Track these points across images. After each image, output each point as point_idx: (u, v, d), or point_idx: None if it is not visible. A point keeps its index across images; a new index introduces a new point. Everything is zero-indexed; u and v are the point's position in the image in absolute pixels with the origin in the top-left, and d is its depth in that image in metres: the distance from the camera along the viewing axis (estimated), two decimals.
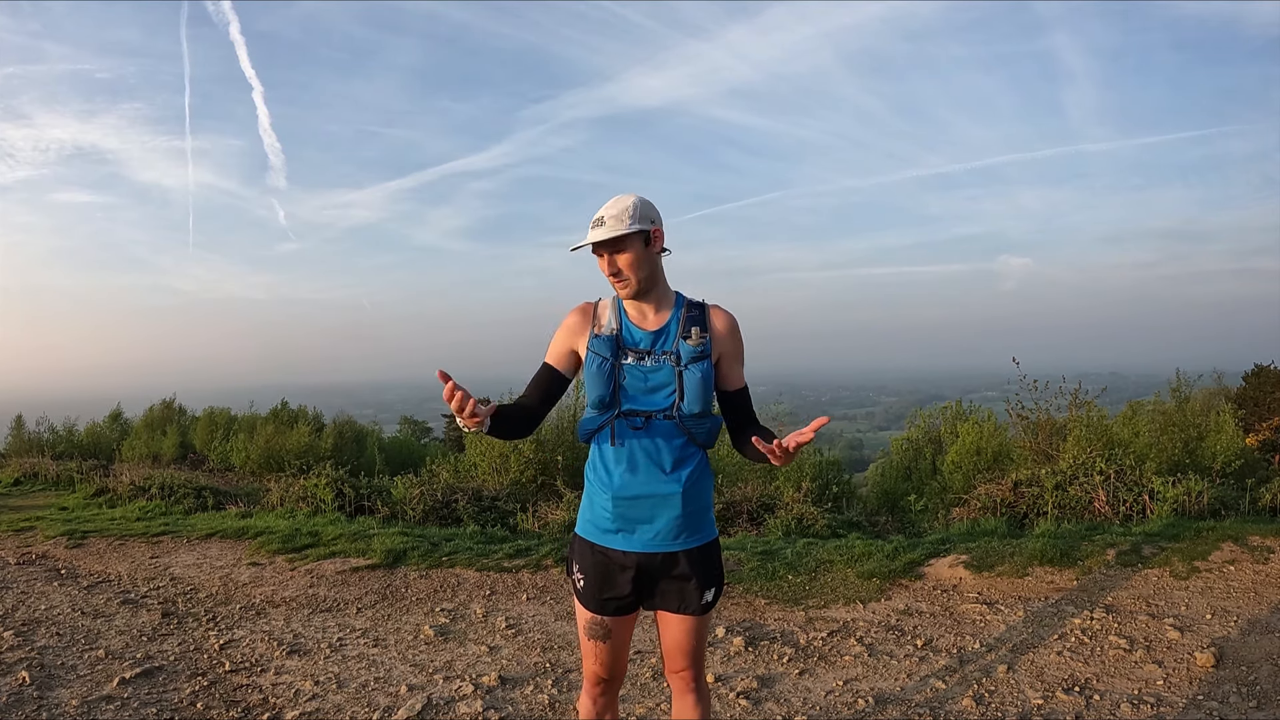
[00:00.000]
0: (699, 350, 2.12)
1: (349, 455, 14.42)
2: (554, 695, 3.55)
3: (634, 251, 2.10)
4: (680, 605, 2.17)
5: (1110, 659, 3.67)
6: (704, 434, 2.14)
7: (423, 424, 32.68)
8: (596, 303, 2.26)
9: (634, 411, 2.12)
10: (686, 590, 2.15)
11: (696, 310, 2.20)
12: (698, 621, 2.19)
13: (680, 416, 2.12)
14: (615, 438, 2.13)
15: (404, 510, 8.05)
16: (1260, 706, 3.16)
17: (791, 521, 6.69)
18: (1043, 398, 8.79)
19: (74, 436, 19.41)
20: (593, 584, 2.18)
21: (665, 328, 2.17)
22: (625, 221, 2.08)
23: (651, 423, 2.11)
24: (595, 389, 2.14)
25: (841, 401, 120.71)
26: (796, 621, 4.38)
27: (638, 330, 2.17)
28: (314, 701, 3.54)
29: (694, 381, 2.11)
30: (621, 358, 2.14)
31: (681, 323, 2.16)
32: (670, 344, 2.15)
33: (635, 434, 2.11)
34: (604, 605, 2.18)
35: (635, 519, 2.12)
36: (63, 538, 7.06)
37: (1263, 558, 4.74)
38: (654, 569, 2.14)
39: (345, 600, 5.06)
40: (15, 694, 3.59)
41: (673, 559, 2.13)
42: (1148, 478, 6.44)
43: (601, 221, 2.09)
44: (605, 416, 2.15)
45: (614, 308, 2.21)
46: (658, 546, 2.12)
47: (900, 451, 10.60)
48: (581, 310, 2.24)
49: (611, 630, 2.20)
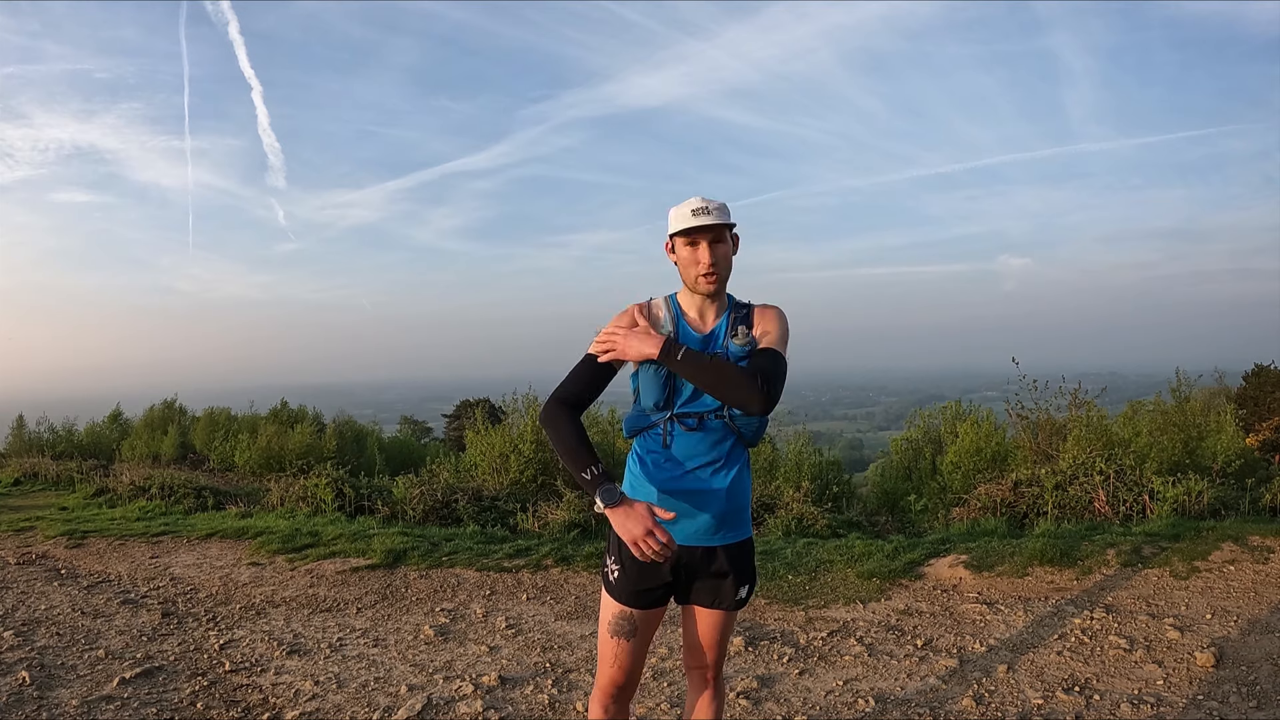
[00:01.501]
0: (747, 349, 2.13)
1: (349, 455, 14.42)
2: (554, 695, 3.55)
3: (728, 245, 2.15)
4: (714, 600, 2.19)
5: (1110, 659, 3.67)
6: (752, 433, 2.18)
7: (423, 424, 32.68)
8: (649, 302, 2.26)
9: (687, 413, 2.14)
10: (722, 586, 2.17)
11: (744, 310, 2.23)
12: (728, 617, 2.22)
13: (730, 416, 2.13)
14: (668, 438, 2.15)
15: (404, 510, 8.05)
16: (1260, 706, 3.16)
17: (791, 521, 6.70)
18: (1043, 398, 8.79)
19: (74, 436, 19.41)
20: (628, 576, 2.17)
21: (716, 329, 2.19)
22: (727, 215, 2.12)
23: (704, 422, 2.13)
24: (651, 393, 2.15)
25: (841, 401, 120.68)
26: (796, 621, 4.38)
27: (693, 333, 2.19)
28: (314, 701, 3.53)
29: None
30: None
31: (730, 323, 2.18)
32: (720, 345, 2.17)
33: (687, 433, 2.14)
34: (636, 598, 2.16)
35: (679, 513, 2.13)
36: (63, 538, 7.07)
37: (1263, 558, 4.74)
38: (692, 563, 2.15)
39: (345, 600, 5.06)
40: (15, 694, 3.59)
41: (711, 554, 2.15)
42: (1148, 478, 6.44)
43: (707, 211, 2.10)
44: (658, 417, 2.16)
45: (668, 309, 2.23)
46: (698, 540, 2.14)
47: (900, 451, 10.60)
48: (635, 311, 2.24)
49: (638, 627, 2.18)
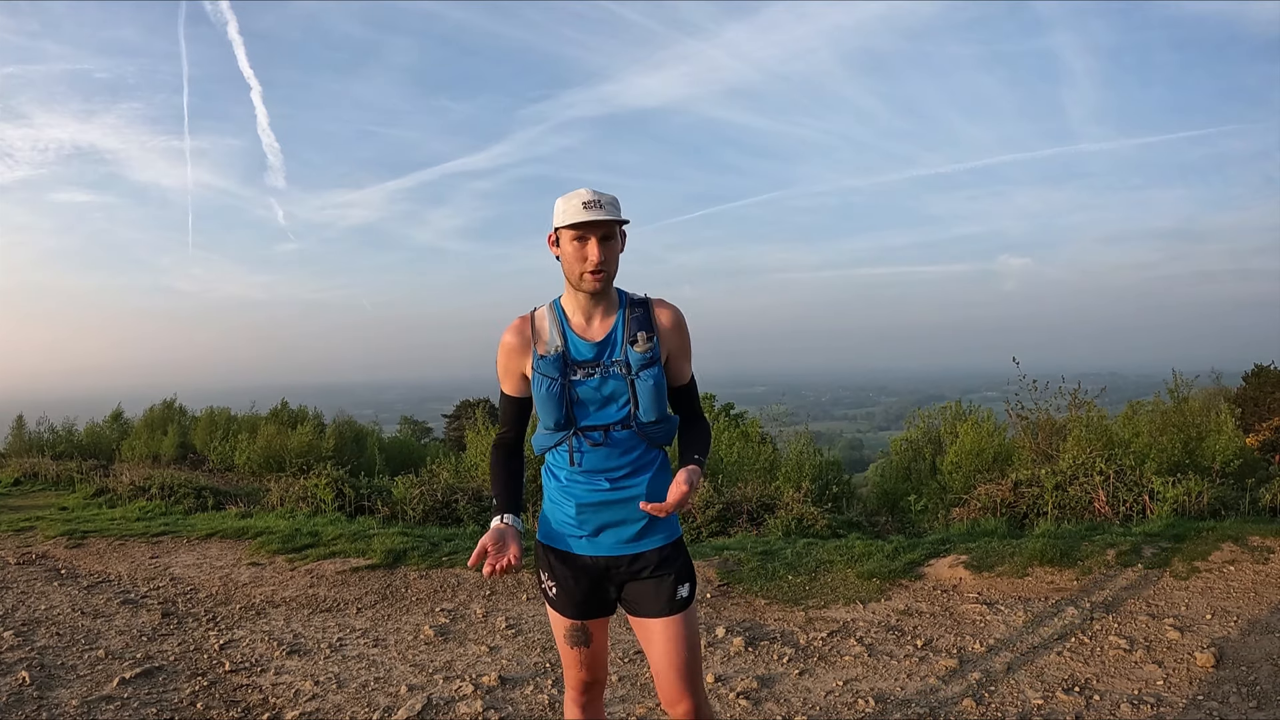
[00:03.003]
0: (648, 356, 2.04)
1: (349, 455, 14.42)
2: (554, 695, 3.55)
3: (618, 242, 2.03)
4: (657, 606, 2.08)
5: (1110, 659, 3.67)
6: (662, 436, 2.10)
7: (423, 424, 32.68)
8: (532, 315, 2.12)
9: (591, 427, 2.05)
10: (660, 588, 2.08)
11: (640, 309, 2.10)
12: (683, 626, 2.07)
13: (638, 425, 2.06)
14: (574, 456, 2.07)
15: (404, 510, 8.06)
16: (1260, 707, 3.16)
17: (791, 522, 6.69)
18: (1042, 398, 8.79)
19: (74, 436, 19.40)
20: (565, 590, 2.12)
21: (611, 335, 2.07)
22: (619, 210, 2.00)
23: (610, 434, 2.05)
24: (549, 413, 2.06)
25: (841, 401, 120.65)
26: (796, 621, 4.38)
27: (583, 343, 2.07)
28: (314, 701, 3.54)
29: (647, 390, 2.04)
30: (571, 375, 2.05)
31: (626, 327, 2.07)
32: (618, 352, 2.05)
33: (594, 448, 2.05)
34: (579, 609, 2.13)
35: (601, 525, 2.08)
36: (63, 538, 7.07)
37: (1263, 558, 4.74)
38: (622, 570, 2.10)
39: (345, 600, 5.06)
40: (15, 694, 3.59)
41: (640, 559, 2.09)
42: (1148, 478, 6.44)
43: (599, 204, 1.96)
44: (561, 435, 2.08)
45: (553, 319, 2.09)
46: (624, 549, 2.08)
47: (900, 452, 10.59)
48: (518, 329, 2.10)
49: (591, 633, 2.15)
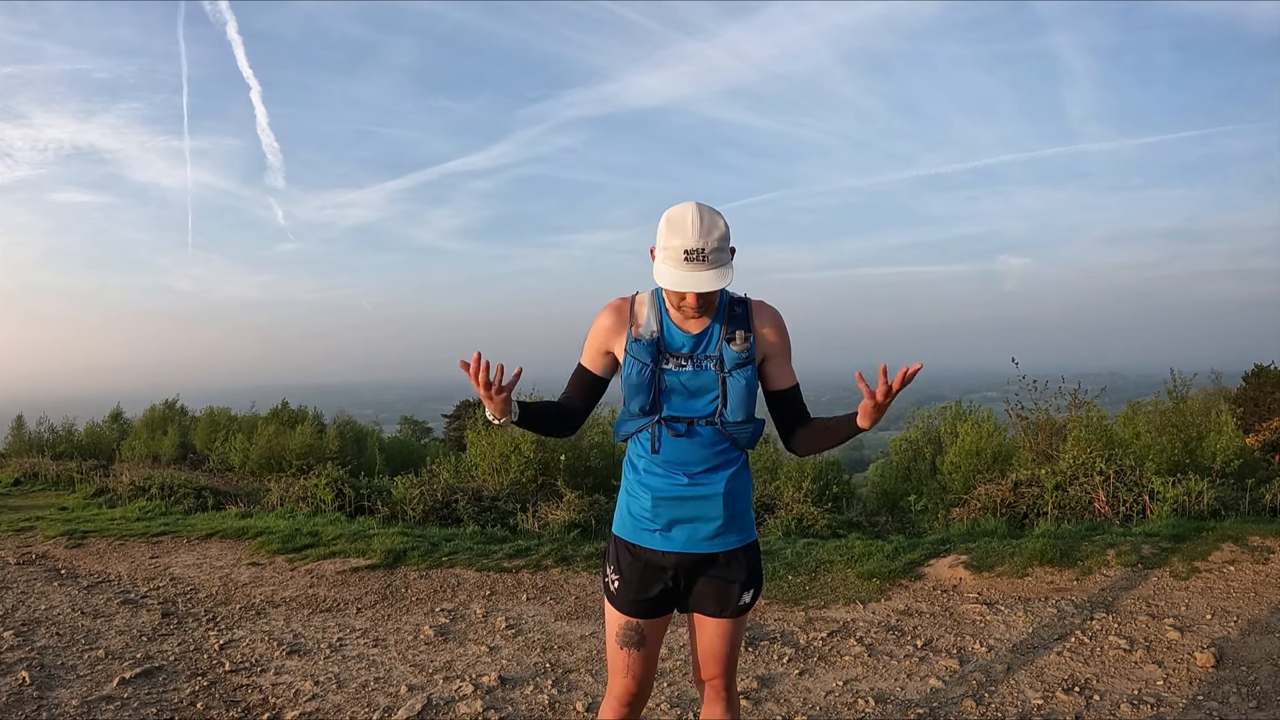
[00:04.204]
0: (744, 356, 2.01)
1: (349, 455, 14.43)
2: (554, 695, 3.55)
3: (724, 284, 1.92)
4: (718, 608, 2.09)
5: (1110, 659, 3.67)
6: (746, 438, 2.07)
7: (423, 424, 32.69)
8: (633, 298, 2.11)
9: (675, 418, 2.03)
10: (726, 592, 2.08)
11: (740, 308, 2.07)
12: (734, 625, 2.12)
13: (723, 423, 2.03)
14: (656, 444, 2.04)
15: (404, 510, 8.05)
16: (1260, 707, 3.16)
17: (791, 522, 6.69)
18: (1042, 398, 8.78)
19: (74, 436, 19.40)
20: (629, 585, 2.09)
21: (708, 330, 2.04)
22: (727, 255, 1.90)
23: (693, 428, 2.03)
24: (636, 396, 2.04)
25: (841, 402, 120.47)
26: (796, 621, 4.38)
27: (680, 333, 2.04)
28: (314, 701, 3.54)
29: (738, 389, 2.01)
30: (663, 363, 2.03)
31: (725, 324, 2.04)
32: (713, 348, 2.03)
33: (675, 439, 2.03)
34: (639, 607, 2.09)
35: (675, 520, 2.05)
36: (63, 538, 7.06)
37: (1263, 558, 4.74)
38: (693, 569, 2.08)
39: (345, 600, 5.06)
40: (15, 694, 3.59)
41: (712, 559, 2.07)
42: (1148, 478, 6.44)
43: (703, 256, 1.84)
44: (645, 421, 2.06)
45: (653, 306, 2.07)
46: (697, 547, 2.06)
47: (900, 452, 10.59)
48: (617, 309, 2.10)
49: (646, 636, 2.10)
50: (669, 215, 1.91)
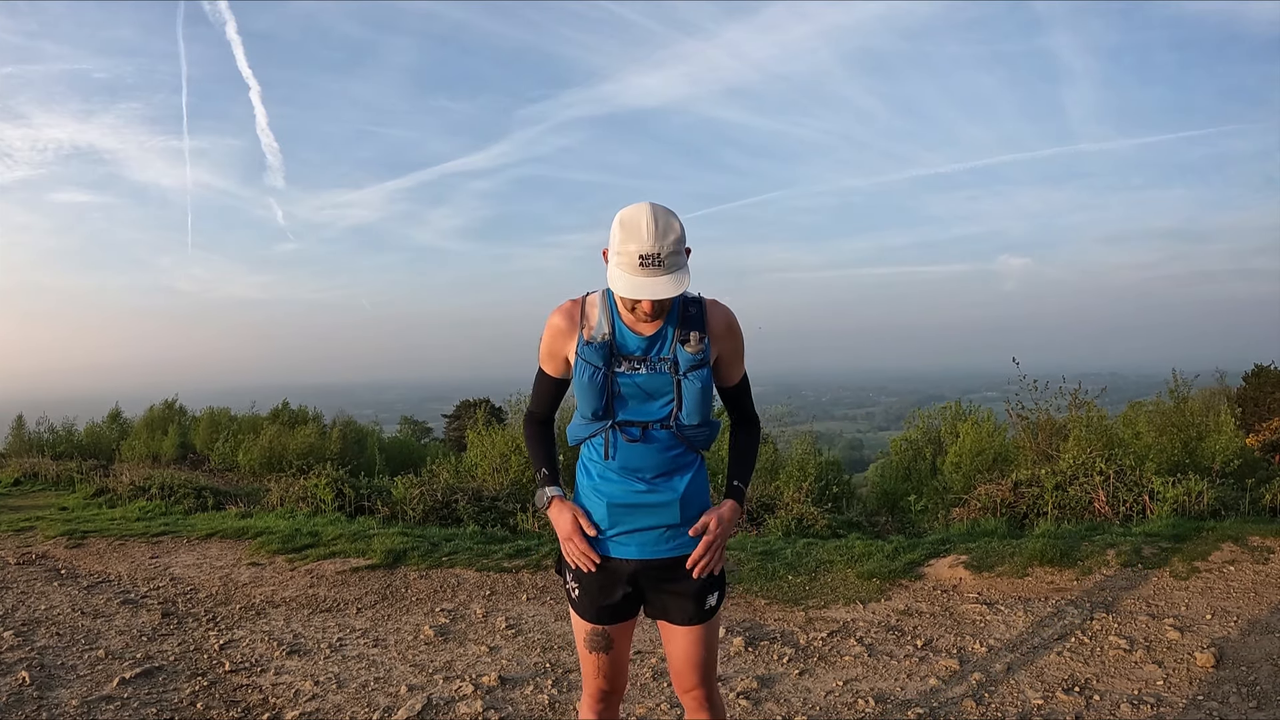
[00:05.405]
0: (699, 358, 1.96)
1: (349, 455, 14.44)
2: (554, 695, 3.55)
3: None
4: (684, 616, 2.04)
5: (1110, 659, 3.67)
6: (703, 440, 2.03)
7: (423, 424, 32.70)
8: (583, 299, 2.04)
9: (629, 422, 1.97)
10: (689, 596, 2.03)
11: (694, 308, 2.00)
12: (705, 630, 2.06)
13: (679, 426, 1.98)
14: (610, 449, 2.00)
15: (404, 510, 8.06)
16: (1260, 707, 3.16)
17: (791, 522, 6.70)
18: (1043, 398, 8.80)
19: (74, 436, 19.43)
20: (589, 594, 2.06)
21: (662, 332, 1.98)
22: (683, 258, 1.84)
23: (649, 433, 1.97)
24: (587, 401, 1.98)
25: (841, 401, 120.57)
26: (796, 622, 4.38)
27: (632, 335, 1.97)
28: (314, 701, 3.54)
29: (693, 392, 1.96)
30: (615, 366, 1.96)
31: (679, 325, 1.98)
32: (667, 349, 1.97)
33: (630, 444, 1.98)
34: (602, 614, 2.06)
35: (631, 526, 2.01)
36: (63, 538, 7.06)
37: (1263, 558, 4.74)
38: (652, 574, 2.03)
39: (345, 600, 5.06)
40: (15, 694, 3.59)
41: (671, 564, 2.02)
42: (1148, 478, 6.44)
43: (659, 261, 1.78)
44: (598, 426, 2.01)
45: (604, 307, 2.00)
46: (656, 553, 2.01)
47: (900, 452, 10.61)
48: (566, 312, 2.03)
49: (613, 640, 2.08)
50: (622, 218, 1.83)
